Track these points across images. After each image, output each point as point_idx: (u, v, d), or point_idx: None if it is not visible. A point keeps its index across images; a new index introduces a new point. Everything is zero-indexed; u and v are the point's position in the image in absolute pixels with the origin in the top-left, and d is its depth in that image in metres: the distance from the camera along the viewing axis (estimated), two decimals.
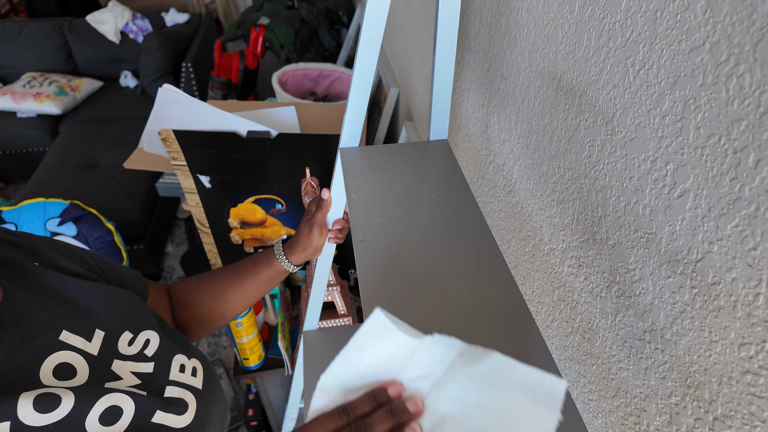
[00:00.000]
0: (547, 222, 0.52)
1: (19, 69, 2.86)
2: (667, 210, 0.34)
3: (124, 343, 0.53)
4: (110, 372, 0.50)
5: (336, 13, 2.12)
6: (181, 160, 1.08)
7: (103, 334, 0.51)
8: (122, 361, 0.51)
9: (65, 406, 0.43)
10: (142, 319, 0.56)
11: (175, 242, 2.53)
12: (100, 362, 0.49)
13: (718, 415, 0.32)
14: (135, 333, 0.54)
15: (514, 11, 0.54)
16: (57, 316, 0.49)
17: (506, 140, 0.60)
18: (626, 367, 0.41)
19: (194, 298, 0.72)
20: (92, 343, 0.50)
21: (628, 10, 0.35)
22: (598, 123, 0.40)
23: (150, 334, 0.56)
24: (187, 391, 0.54)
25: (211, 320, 0.73)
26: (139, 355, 0.53)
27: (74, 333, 0.49)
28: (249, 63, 1.81)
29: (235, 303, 0.72)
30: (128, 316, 0.55)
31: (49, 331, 0.48)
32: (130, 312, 0.56)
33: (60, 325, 0.49)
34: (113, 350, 0.52)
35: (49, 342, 0.47)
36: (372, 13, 0.53)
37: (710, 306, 0.31)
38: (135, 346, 0.54)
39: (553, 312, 0.53)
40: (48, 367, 0.46)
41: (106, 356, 0.50)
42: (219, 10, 3.67)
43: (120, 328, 0.53)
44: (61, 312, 0.50)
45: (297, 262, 0.73)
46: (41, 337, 0.47)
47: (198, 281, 0.74)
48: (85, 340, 0.50)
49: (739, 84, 0.26)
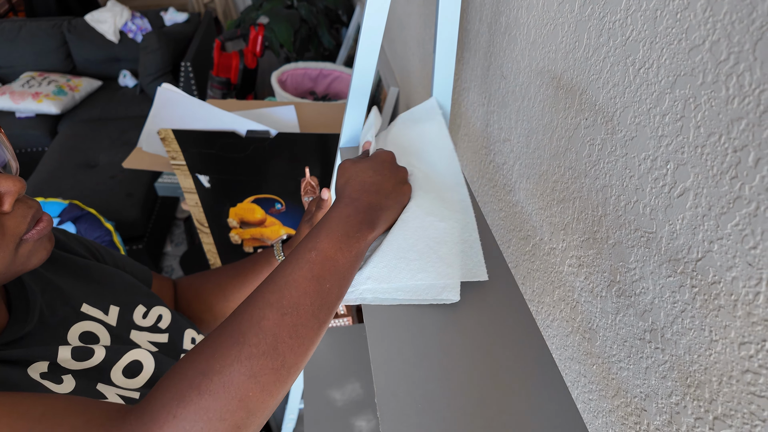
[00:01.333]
0: (547, 221, 0.52)
1: (18, 68, 2.85)
2: (667, 209, 0.34)
3: (139, 315, 0.56)
4: (129, 340, 0.53)
5: (335, 12, 2.12)
6: (180, 160, 1.08)
7: (117, 309, 0.55)
8: (139, 331, 0.55)
9: (98, 356, 0.47)
10: (153, 297, 0.60)
11: (174, 242, 2.53)
12: (119, 332, 0.53)
13: (718, 415, 0.31)
14: (148, 308, 0.58)
15: (514, 10, 0.54)
16: (76, 290, 0.53)
17: (506, 139, 0.60)
18: (626, 366, 0.41)
19: (196, 295, 0.73)
20: (109, 316, 0.54)
21: (628, 9, 0.35)
22: (598, 122, 0.40)
23: (162, 309, 0.59)
24: None
25: (212, 318, 0.73)
26: (153, 327, 0.57)
27: (93, 306, 0.53)
28: (248, 62, 1.81)
29: (236, 302, 0.73)
30: (140, 292, 0.59)
31: (71, 302, 0.51)
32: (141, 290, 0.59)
33: (80, 298, 0.52)
34: (129, 321, 0.55)
35: (73, 312, 0.51)
36: (372, 12, 0.53)
37: (710, 305, 0.31)
38: (149, 319, 0.57)
39: (554, 311, 0.53)
40: (74, 334, 0.49)
41: (123, 327, 0.54)
42: (218, 10, 3.67)
43: (133, 302, 0.57)
44: (80, 287, 0.53)
45: None
46: (65, 307, 0.50)
47: (201, 278, 0.75)
48: (102, 312, 0.53)
49: (739, 83, 0.26)
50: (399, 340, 0.42)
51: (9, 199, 0.40)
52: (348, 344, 1.09)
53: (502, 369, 0.39)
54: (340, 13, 2.15)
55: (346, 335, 1.12)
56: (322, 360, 1.06)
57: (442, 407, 0.37)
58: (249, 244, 1.30)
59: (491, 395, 0.38)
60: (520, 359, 0.40)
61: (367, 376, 1.03)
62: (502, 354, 0.40)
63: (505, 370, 0.39)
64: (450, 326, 0.43)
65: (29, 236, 0.42)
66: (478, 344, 0.41)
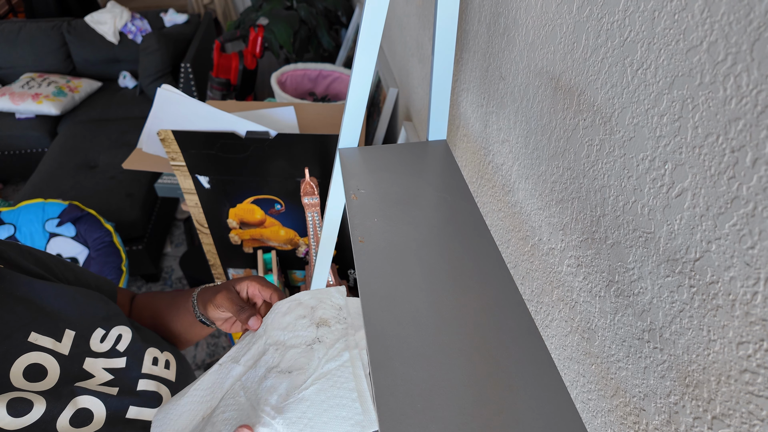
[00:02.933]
0: (546, 221, 0.52)
1: (18, 69, 2.86)
2: (665, 209, 0.34)
3: (96, 340, 0.53)
4: (82, 371, 0.50)
5: (335, 13, 2.12)
6: (179, 161, 1.08)
7: (73, 333, 0.51)
8: (94, 358, 0.52)
9: (37, 410, 0.43)
10: (114, 315, 0.56)
11: (174, 243, 2.53)
12: (71, 361, 0.50)
13: (716, 414, 0.32)
14: (107, 329, 0.54)
15: (512, 11, 0.54)
16: (23, 318, 0.49)
17: (505, 140, 0.60)
18: (625, 366, 0.41)
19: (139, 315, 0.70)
20: (62, 343, 0.50)
21: (626, 10, 0.35)
22: (597, 122, 0.40)
23: (122, 329, 0.56)
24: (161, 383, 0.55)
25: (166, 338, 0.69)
26: (111, 351, 0.53)
27: (43, 334, 0.49)
28: (248, 63, 1.81)
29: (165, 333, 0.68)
30: (99, 313, 0.55)
31: (17, 333, 0.47)
32: (101, 309, 0.56)
33: (27, 326, 0.48)
34: (85, 349, 0.52)
35: (18, 344, 0.47)
36: (370, 13, 0.53)
37: (709, 305, 0.31)
38: (107, 342, 0.54)
39: (552, 312, 0.53)
40: (18, 368, 0.46)
41: (77, 355, 0.51)
42: (218, 11, 3.67)
43: (92, 325, 0.53)
44: (28, 314, 0.49)
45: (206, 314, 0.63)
46: (9, 339, 0.47)
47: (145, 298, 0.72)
48: (54, 340, 0.50)
49: (736, 83, 0.27)
50: (397, 339, 0.42)
51: None
52: None
53: (500, 369, 0.40)
54: (340, 15, 2.16)
55: None
56: None
57: (441, 407, 0.37)
58: (249, 245, 1.30)
59: (490, 395, 0.38)
60: (519, 359, 0.40)
61: None
62: (500, 354, 0.41)
63: (503, 370, 0.39)
64: (448, 327, 0.43)
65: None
66: (476, 344, 0.41)
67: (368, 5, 0.52)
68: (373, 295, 0.47)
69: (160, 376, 0.55)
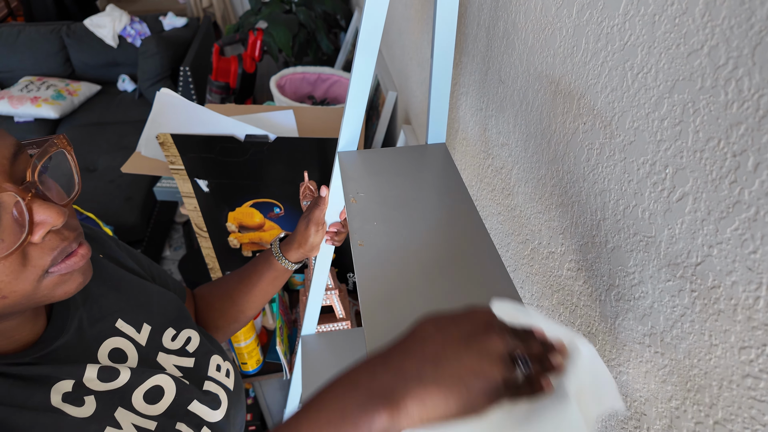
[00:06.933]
0: (546, 225, 0.52)
1: (17, 73, 2.85)
2: (666, 213, 0.33)
3: (168, 338, 0.57)
4: (156, 363, 0.54)
5: (334, 17, 2.12)
6: (179, 164, 1.08)
7: (150, 328, 0.56)
8: (166, 354, 0.56)
9: (122, 378, 0.48)
10: (185, 318, 0.61)
11: (173, 246, 2.53)
12: (147, 352, 0.54)
13: (718, 419, 0.31)
14: (178, 330, 0.59)
15: (512, 15, 0.54)
16: (114, 305, 0.53)
17: (504, 144, 0.60)
18: (626, 370, 0.41)
19: (207, 303, 0.75)
20: (141, 334, 0.54)
21: (626, 14, 0.35)
22: (597, 126, 0.40)
23: (191, 332, 0.60)
24: (221, 389, 0.57)
25: (225, 323, 0.75)
26: (181, 350, 0.57)
27: (127, 323, 0.54)
28: (247, 67, 1.81)
29: (245, 305, 0.74)
30: (172, 315, 0.59)
31: (108, 317, 0.52)
32: (174, 311, 0.60)
33: (117, 313, 0.53)
34: (159, 343, 0.56)
35: (108, 327, 0.52)
36: (370, 17, 0.53)
37: (710, 309, 0.31)
38: (177, 342, 0.58)
39: (552, 315, 0.53)
40: (105, 349, 0.50)
41: (152, 348, 0.55)
42: (217, 14, 3.67)
43: (165, 324, 0.58)
44: (118, 302, 0.54)
45: (294, 259, 0.74)
46: (101, 321, 0.51)
47: (210, 286, 0.77)
48: (135, 330, 0.54)
49: (737, 87, 0.26)
50: None
51: (40, 231, 0.37)
52: (347, 348, 1.09)
53: None
54: (339, 18, 2.16)
55: (344, 339, 1.11)
56: (321, 363, 1.05)
57: None
58: (247, 248, 1.30)
59: None
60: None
61: None
62: None
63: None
64: None
65: (56, 269, 0.40)
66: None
67: (367, 9, 0.52)
68: (371, 298, 0.47)
69: (222, 382, 0.58)
